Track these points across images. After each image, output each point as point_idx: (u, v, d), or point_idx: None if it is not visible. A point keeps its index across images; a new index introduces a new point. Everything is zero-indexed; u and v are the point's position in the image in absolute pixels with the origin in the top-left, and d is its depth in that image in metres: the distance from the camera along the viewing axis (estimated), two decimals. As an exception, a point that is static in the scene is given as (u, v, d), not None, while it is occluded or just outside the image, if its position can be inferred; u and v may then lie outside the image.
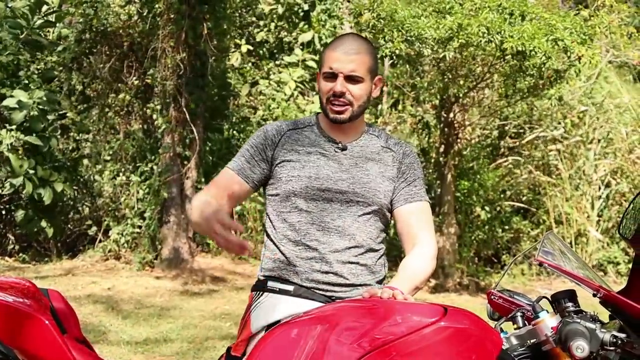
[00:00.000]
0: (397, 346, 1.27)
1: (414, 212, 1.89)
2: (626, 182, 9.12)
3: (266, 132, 1.92)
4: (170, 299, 6.37)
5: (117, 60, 8.79)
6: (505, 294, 1.74)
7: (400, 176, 1.92)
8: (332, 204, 1.82)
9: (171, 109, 7.86)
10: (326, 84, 1.85)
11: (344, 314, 1.38)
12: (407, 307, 1.37)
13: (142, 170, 8.42)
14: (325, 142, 1.89)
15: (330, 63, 1.84)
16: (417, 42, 6.37)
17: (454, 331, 1.30)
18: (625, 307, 1.35)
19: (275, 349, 1.37)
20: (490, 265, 9.65)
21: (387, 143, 1.96)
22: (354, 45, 1.84)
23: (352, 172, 1.85)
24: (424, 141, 9.72)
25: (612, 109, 9.44)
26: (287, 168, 1.86)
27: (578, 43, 6.18)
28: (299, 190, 1.82)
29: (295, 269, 1.80)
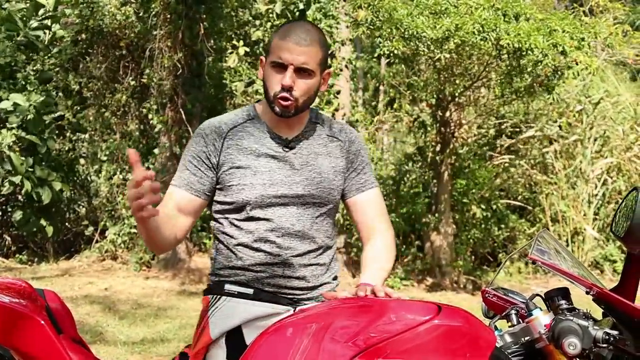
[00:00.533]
0: (392, 344, 1.28)
1: (367, 201, 1.83)
2: (623, 180, 9.14)
3: (205, 138, 1.76)
4: (167, 299, 6.37)
5: (113, 61, 8.79)
6: (500, 291, 1.75)
7: (349, 166, 1.84)
8: (289, 209, 1.73)
9: (167, 109, 7.86)
10: (274, 75, 1.70)
11: (338, 313, 1.39)
12: (401, 305, 1.38)
13: (140, 171, 8.43)
14: (272, 140, 1.76)
15: (280, 52, 1.69)
16: (415, 40, 6.38)
17: (448, 329, 1.31)
18: (618, 304, 1.36)
19: (269, 348, 1.38)
20: (486, 263, 9.68)
21: (332, 130, 1.85)
22: (307, 36, 1.69)
23: (304, 173, 1.75)
24: (420, 140, 9.73)
25: (610, 107, 9.46)
26: (237, 175, 1.73)
27: (575, 47, 6.19)
28: (254, 200, 1.71)
29: (255, 274, 1.72)
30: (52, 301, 1.47)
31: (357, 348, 1.29)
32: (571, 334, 1.26)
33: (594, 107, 9.38)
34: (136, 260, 7.85)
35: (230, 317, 1.70)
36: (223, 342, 1.70)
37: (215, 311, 1.73)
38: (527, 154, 9.68)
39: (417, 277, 8.81)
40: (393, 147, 11.64)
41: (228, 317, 1.70)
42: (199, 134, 1.78)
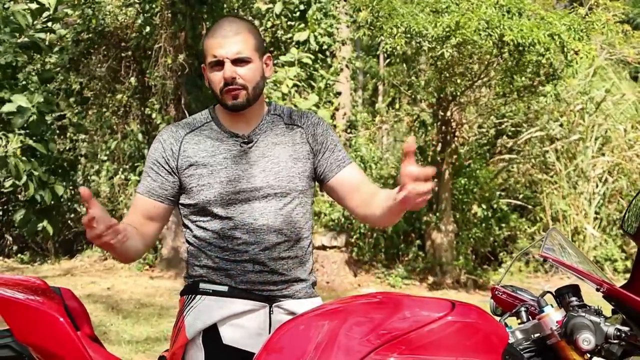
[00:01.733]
0: (407, 340, 1.30)
1: (354, 174, 1.83)
2: (624, 179, 9.17)
3: (163, 143, 1.79)
4: (170, 298, 6.38)
5: (114, 61, 8.80)
6: (509, 289, 1.77)
7: (319, 148, 1.83)
8: (251, 203, 1.74)
9: (171, 108, 7.88)
10: (215, 74, 1.73)
11: (353, 309, 1.41)
12: (415, 301, 1.40)
13: (140, 170, 8.45)
14: (228, 139, 1.78)
15: (212, 51, 1.72)
16: (417, 37, 6.41)
17: (462, 325, 1.33)
18: (628, 301, 1.38)
19: (286, 344, 1.40)
20: (487, 262, 9.70)
21: (292, 119, 1.85)
22: (232, 27, 1.73)
23: (261, 164, 1.76)
24: (420, 139, 9.75)
25: (611, 106, 9.49)
26: (196, 177, 1.74)
27: (575, 39, 6.24)
28: (214, 199, 1.73)
29: (227, 272, 1.73)
30: (68, 299, 1.49)
31: (373, 344, 1.31)
32: (585, 329, 1.28)
33: (596, 106, 9.41)
34: (139, 260, 7.86)
35: (205, 316, 1.69)
36: (200, 341, 1.70)
37: (190, 310, 1.73)
38: (528, 153, 9.70)
39: (419, 276, 8.83)
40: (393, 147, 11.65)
41: (203, 316, 1.69)
42: (157, 140, 1.82)
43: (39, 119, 7.58)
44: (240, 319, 1.69)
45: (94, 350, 1.36)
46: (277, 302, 1.74)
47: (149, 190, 1.78)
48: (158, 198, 1.78)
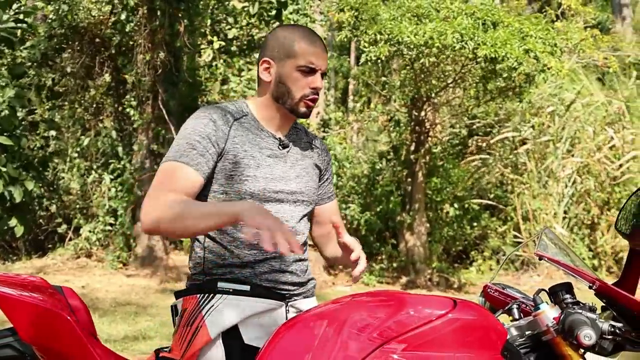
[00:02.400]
0: (410, 338, 1.33)
1: (329, 211, 1.96)
2: (592, 180, 9.38)
3: (215, 121, 1.69)
4: (146, 296, 6.34)
5: (88, 57, 8.68)
6: (499, 287, 1.82)
7: (324, 173, 1.93)
8: (283, 205, 1.76)
9: (148, 105, 7.81)
10: (302, 78, 1.74)
11: (356, 307, 1.44)
12: (418, 299, 1.44)
13: (114, 168, 8.35)
14: (267, 138, 1.79)
15: (310, 57, 1.73)
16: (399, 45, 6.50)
17: (464, 323, 1.37)
18: (619, 298, 1.44)
19: (291, 341, 1.42)
20: (459, 261, 9.84)
21: (309, 137, 1.93)
22: (323, 44, 1.80)
23: (297, 170, 1.81)
24: (395, 139, 9.83)
25: (581, 108, 9.70)
26: (241, 166, 1.71)
27: (548, 53, 6.38)
28: (257, 193, 1.71)
29: (253, 270, 1.72)
30: (70, 297, 1.49)
31: (378, 341, 1.34)
32: (585, 326, 1.34)
33: (566, 109, 9.61)
34: (113, 258, 7.79)
35: (228, 315, 1.67)
36: (220, 342, 1.68)
37: (211, 310, 1.68)
38: (499, 154, 9.87)
39: (392, 275, 8.92)
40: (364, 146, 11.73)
41: (226, 316, 1.67)
42: (205, 116, 1.70)
43: (10, 114, 7.44)
44: (260, 319, 1.69)
45: (100, 349, 1.36)
46: (292, 300, 1.77)
47: (197, 163, 1.64)
48: (203, 174, 1.66)
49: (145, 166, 7.95)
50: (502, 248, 9.57)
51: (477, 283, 9.05)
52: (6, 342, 1.41)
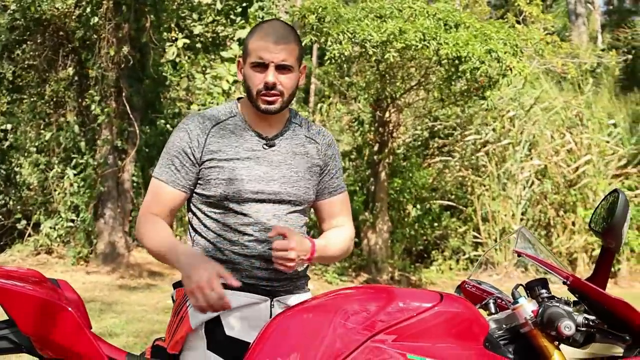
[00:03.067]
0: (399, 329, 1.41)
1: (337, 204, 1.93)
2: (549, 182, 9.68)
3: (190, 133, 1.79)
4: (110, 293, 6.28)
5: (51, 50, 8.51)
6: (476, 283, 1.91)
7: (324, 168, 1.91)
8: (265, 205, 1.79)
9: (111, 100, 7.71)
10: (256, 75, 1.75)
11: (346, 300, 1.50)
12: (407, 293, 1.51)
13: (77, 163, 8.21)
14: (252, 137, 1.82)
15: (259, 52, 1.74)
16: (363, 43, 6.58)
17: (450, 315, 1.45)
18: (591, 292, 1.54)
19: (282, 335, 1.47)
20: (419, 260, 10.02)
21: (310, 132, 1.91)
22: (284, 33, 1.76)
23: (282, 170, 1.81)
24: (359, 139, 9.94)
25: (540, 112, 9.99)
26: (217, 170, 1.77)
27: (510, 54, 6.56)
28: (232, 195, 1.76)
29: (235, 267, 1.76)
30: (67, 290, 1.51)
31: (368, 332, 1.41)
32: (564, 317, 1.43)
33: (525, 113, 9.89)
34: (74, 255, 7.67)
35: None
36: (202, 332, 1.73)
37: None
38: (461, 156, 10.08)
39: (354, 273, 9.03)
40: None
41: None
42: (183, 129, 1.81)
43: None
44: (243, 312, 1.73)
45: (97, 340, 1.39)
46: (278, 296, 1.80)
47: (174, 180, 1.80)
48: (182, 188, 1.80)
49: (109, 162, 7.85)
50: (462, 248, 9.79)
51: (436, 282, 9.24)
52: (2, 334, 1.42)
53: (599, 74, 11.57)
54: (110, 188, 7.88)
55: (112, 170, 7.84)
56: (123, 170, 8.02)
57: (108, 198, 7.89)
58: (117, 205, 7.93)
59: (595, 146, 9.68)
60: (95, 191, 7.85)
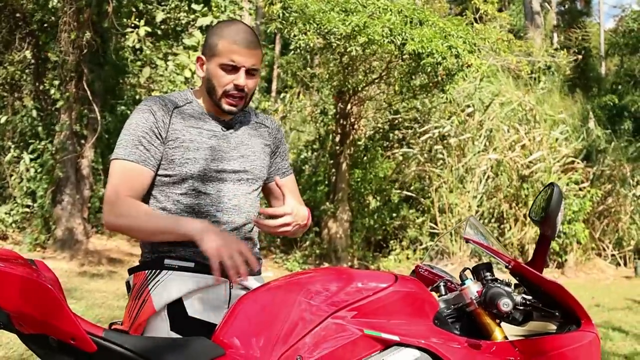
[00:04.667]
0: (358, 307, 1.53)
1: (288, 185, 1.96)
2: (504, 176, 9.99)
3: (155, 114, 1.83)
4: (69, 280, 6.25)
5: (7, 32, 8.34)
6: (428, 267, 2.06)
7: (275, 150, 2.02)
8: (226, 184, 1.85)
9: (71, 85, 7.61)
10: (225, 76, 1.82)
11: (308, 281, 1.61)
12: (364, 274, 1.64)
13: (35, 148, 8.10)
14: (211, 121, 1.89)
15: (231, 55, 1.81)
16: (328, 35, 6.69)
17: (403, 294, 1.58)
18: (529, 275, 1.70)
19: (247, 315, 1.58)
20: (378, 250, 10.24)
21: (259, 118, 2.02)
22: (254, 40, 1.84)
23: (240, 150, 1.90)
24: (322, 129, 10.07)
25: (497, 108, 10.28)
26: (181, 150, 1.82)
27: (468, 51, 6.78)
28: (197, 173, 1.81)
29: (196, 249, 1.73)
30: (44, 270, 1.57)
31: (329, 310, 1.53)
32: (503, 296, 1.58)
33: (485, 108, 10.16)
34: (30, 241, 7.58)
35: (172, 289, 1.77)
36: (165, 314, 1.77)
37: (156, 284, 1.80)
38: (420, 149, 10.31)
39: (315, 262, 9.18)
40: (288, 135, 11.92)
41: (170, 289, 1.77)
42: (145, 110, 1.84)
43: None
44: (203, 293, 1.79)
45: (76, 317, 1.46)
46: (237, 277, 1.87)
47: (145, 159, 1.81)
48: (152, 167, 1.82)
49: (68, 147, 7.77)
50: (420, 238, 10.04)
51: (394, 271, 9.48)
52: (-21, 311, 1.48)
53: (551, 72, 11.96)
54: (68, 174, 7.80)
55: (71, 156, 7.76)
56: (82, 156, 7.95)
57: (66, 184, 7.81)
58: (76, 191, 7.86)
59: (546, 142, 10.02)
60: (53, 177, 7.76)
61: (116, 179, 1.81)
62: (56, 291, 1.44)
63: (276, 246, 9.43)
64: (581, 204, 9.28)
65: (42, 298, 1.39)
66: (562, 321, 1.71)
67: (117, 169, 1.81)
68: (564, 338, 1.64)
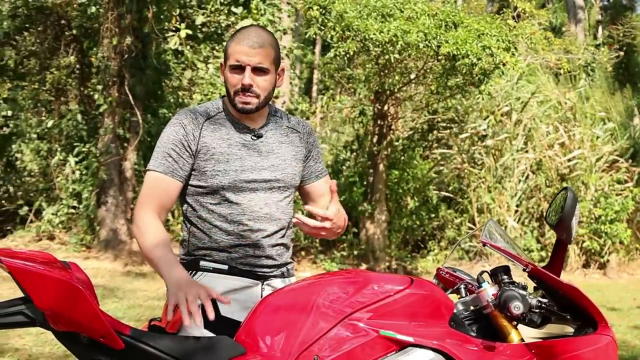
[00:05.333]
0: (374, 309, 1.58)
1: (322, 186, 2.09)
2: (543, 176, 9.83)
3: (185, 127, 1.91)
4: (112, 279, 6.46)
5: (52, 38, 8.65)
6: (451, 270, 2.09)
7: (308, 155, 2.07)
8: (258, 193, 1.92)
9: (113, 89, 7.85)
10: (233, 76, 1.90)
11: (328, 283, 1.67)
12: (381, 277, 1.69)
13: (79, 151, 8.37)
14: (241, 130, 1.95)
15: (236, 56, 1.88)
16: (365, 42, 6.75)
17: (419, 297, 1.62)
18: (547, 279, 1.72)
19: (271, 313, 1.64)
20: (417, 250, 10.20)
21: (290, 123, 2.07)
22: (259, 39, 1.89)
23: (271, 159, 1.96)
24: (360, 130, 10.09)
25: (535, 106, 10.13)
26: (212, 162, 1.90)
27: (503, 49, 6.73)
28: (227, 185, 1.89)
29: (229, 255, 1.89)
30: (76, 272, 1.67)
31: (347, 311, 1.58)
32: (515, 299, 1.61)
33: (522, 107, 10.02)
34: (76, 241, 7.84)
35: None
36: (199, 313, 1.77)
37: None
38: (458, 149, 10.23)
39: (353, 263, 9.21)
40: (329, 136, 11.98)
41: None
42: (177, 123, 1.93)
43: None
44: (236, 294, 1.89)
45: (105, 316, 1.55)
46: (268, 280, 1.96)
47: (173, 170, 1.90)
48: (180, 178, 1.91)
49: (111, 150, 8.01)
50: (458, 238, 9.96)
51: (432, 271, 9.42)
52: (18, 310, 1.58)
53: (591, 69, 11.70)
54: (112, 176, 8.04)
55: (114, 159, 8.00)
56: (125, 158, 8.19)
57: (110, 186, 8.06)
58: (119, 193, 8.10)
59: (587, 140, 9.82)
60: (97, 179, 8.01)
61: (146, 189, 1.93)
62: (87, 292, 1.53)
63: (314, 247, 9.49)
64: (623, 204, 9.07)
65: (73, 298, 1.49)
66: (579, 324, 1.72)
67: (148, 179, 1.94)
68: (580, 341, 1.65)
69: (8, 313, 1.55)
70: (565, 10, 17.43)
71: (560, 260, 1.76)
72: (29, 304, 1.58)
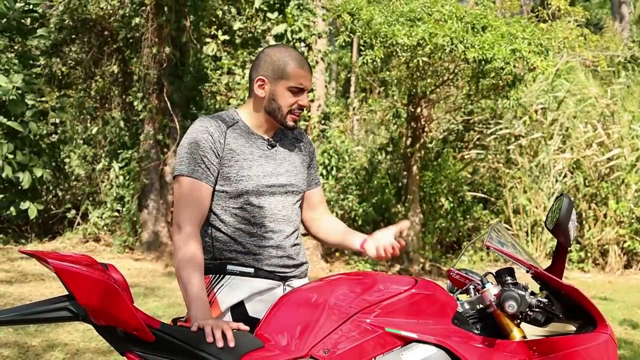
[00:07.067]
0: (381, 307, 1.71)
1: (320, 194, 2.31)
2: (581, 175, 9.71)
3: (212, 134, 2.02)
4: (154, 279, 6.71)
5: (96, 48, 9.01)
6: (462, 271, 2.20)
7: (310, 163, 2.26)
8: (276, 197, 2.08)
9: (153, 97, 8.14)
10: (292, 97, 2.07)
11: (339, 283, 1.82)
12: (387, 278, 1.82)
13: (122, 157, 8.70)
14: (257, 139, 2.10)
15: (300, 80, 2.06)
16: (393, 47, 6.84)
17: (423, 296, 1.75)
18: (549, 280, 1.82)
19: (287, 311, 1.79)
20: (451, 251, 10.21)
21: (294, 134, 2.24)
22: (308, 64, 2.11)
23: (285, 166, 2.12)
24: (395, 132, 10.16)
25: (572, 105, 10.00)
26: (236, 168, 2.02)
27: (535, 53, 6.70)
28: (251, 189, 2.02)
29: (255, 257, 2.02)
30: (114, 272, 1.85)
31: (355, 309, 1.72)
32: (511, 299, 1.71)
33: (557, 105, 9.92)
34: (120, 243, 8.16)
35: (235, 293, 2.02)
36: (229, 314, 2.02)
37: (221, 288, 2.04)
38: (493, 149, 10.19)
39: (387, 264, 9.30)
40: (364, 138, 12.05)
41: (234, 293, 2.02)
42: (203, 130, 2.03)
43: (18, 99, 7.74)
44: (262, 295, 2.04)
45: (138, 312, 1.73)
46: (289, 281, 2.11)
47: (207, 176, 2.02)
48: (212, 184, 2.04)
49: (152, 156, 8.30)
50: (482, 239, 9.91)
51: (468, 271, 9.43)
52: (63, 306, 1.78)
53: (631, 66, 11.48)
54: (153, 181, 8.34)
55: (154, 164, 8.29)
56: (165, 163, 8.47)
57: (151, 190, 8.36)
58: (160, 197, 8.39)
59: (626, 139, 9.67)
60: (139, 183, 8.32)
61: (184, 197, 2.01)
62: (122, 290, 1.71)
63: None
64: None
65: (110, 296, 1.66)
66: (580, 323, 1.82)
67: (182, 184, 2.02)
68: (579, 339, 1.75)
69: (55, 309, 1.75)
70: (605, 7, 17.09)
71: (561, 263, 1.86)
72: (72, 301, 1.77)
